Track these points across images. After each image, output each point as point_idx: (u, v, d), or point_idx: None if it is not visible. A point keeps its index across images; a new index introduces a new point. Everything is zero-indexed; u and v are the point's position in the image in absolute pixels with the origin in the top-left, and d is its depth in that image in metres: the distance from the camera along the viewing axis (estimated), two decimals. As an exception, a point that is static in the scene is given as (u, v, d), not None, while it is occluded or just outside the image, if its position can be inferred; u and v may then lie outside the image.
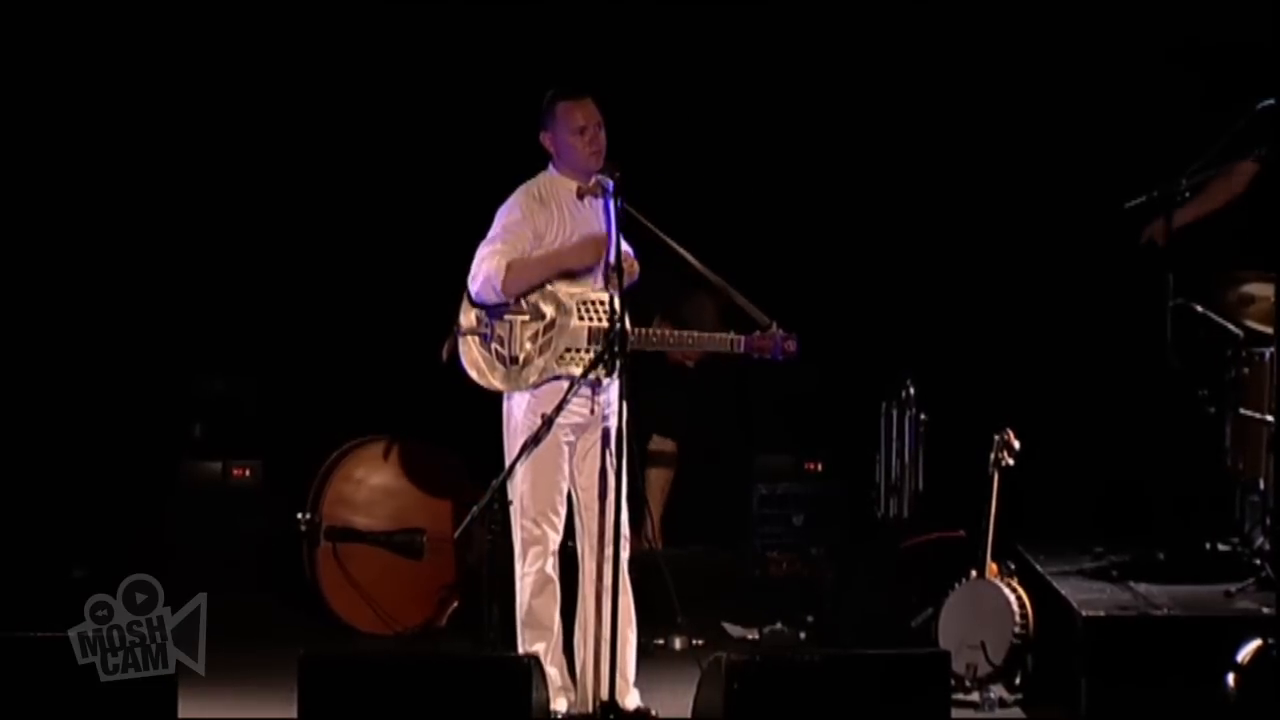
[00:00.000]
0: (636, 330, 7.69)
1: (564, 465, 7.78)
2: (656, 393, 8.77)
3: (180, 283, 10.70)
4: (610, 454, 7.72)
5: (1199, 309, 8.68)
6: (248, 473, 10.41)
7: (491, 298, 7.68)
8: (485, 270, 7.65)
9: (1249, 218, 8.81)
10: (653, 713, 7.75)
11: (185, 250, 10.70)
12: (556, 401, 7.61)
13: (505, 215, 7.75)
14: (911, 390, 9.59)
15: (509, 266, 7.63)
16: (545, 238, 7.73)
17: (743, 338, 7.76)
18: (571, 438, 7.77)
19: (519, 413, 7.74)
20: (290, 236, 10.72)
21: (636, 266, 7.84)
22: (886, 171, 10.54)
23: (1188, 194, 8.52)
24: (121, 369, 10.62)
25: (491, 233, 7.73)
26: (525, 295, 7.71)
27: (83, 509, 10.22)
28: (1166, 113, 9.95)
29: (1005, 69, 10.38)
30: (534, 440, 7.51)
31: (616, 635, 7.51)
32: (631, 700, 7.76)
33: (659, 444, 10.60)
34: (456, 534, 7.27)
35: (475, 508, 7.37)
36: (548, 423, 7.54)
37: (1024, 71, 10.35)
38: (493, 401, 7.84)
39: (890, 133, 10.51)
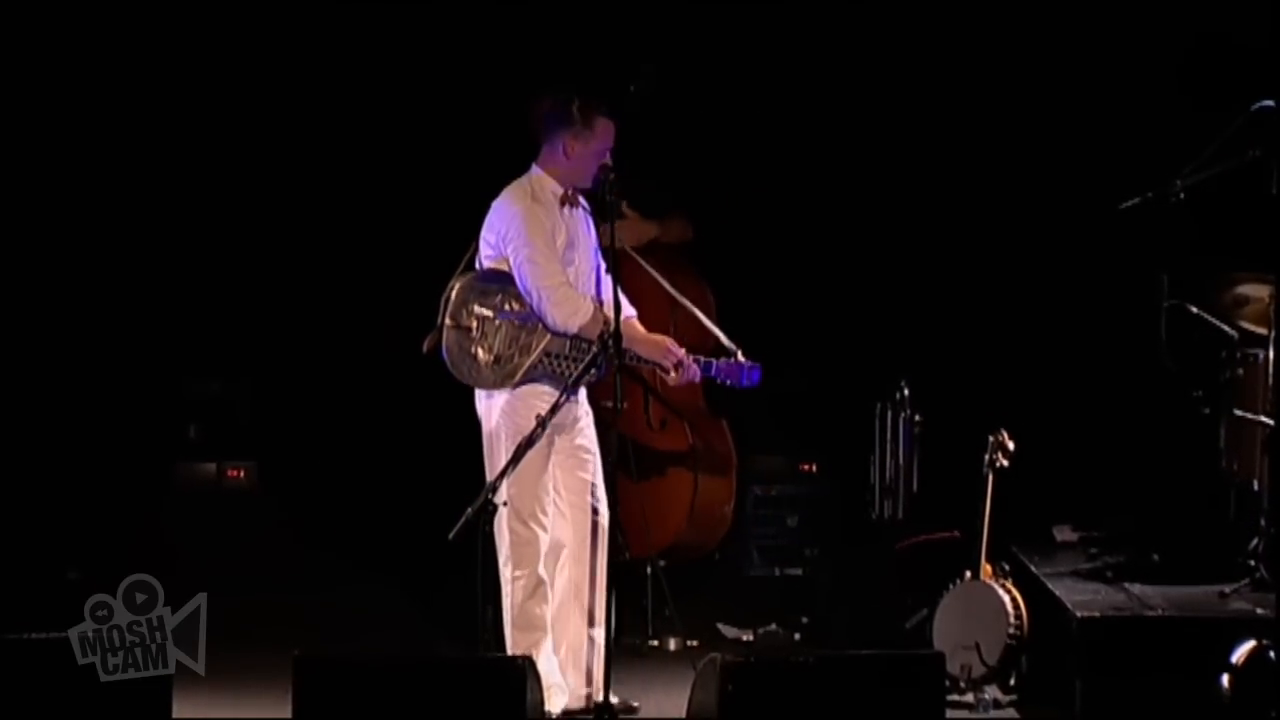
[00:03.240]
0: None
1: (549, 466, 7.80)
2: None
3: (174, 285, 10.70)
4: (596, 454, 7.82)
5: (1194, 310, 8.68)
6: (242, 474, 10.43)
7: (571, 331, 7.71)
8: (586, 308, 7.66)
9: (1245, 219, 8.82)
10: (633, 704, 7.82)
11: (179, 252, 10.70)
12: (534, 403, 7.64)
13: (532, 233, 7.67)
14: (906, 391, 9.57)
15: (595, 311, 7.68)
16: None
17: (714, 362, 7.86)
18: (555, 438, 7.78)
19: (497, 413, 7.76)
20: (284, 238, 10.72)
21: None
22: (882, 173, 10.53)
23: (1181, 195, 8.51)
24: (116, 371, 10.62)
25: (530, 250, 7.66)
26: (516, 298, 7.74)
27: (78, 511, 10.22)
28: (1161, 113, 9.95)
29: (999, 72, 10.37)
30: (528, 443, 7.51)
31: (610, 634, 7.53)
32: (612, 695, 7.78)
33: None
34: (452, 535, 7.26)
35: (470, 509, 7.36)
36: (541, 423, 7.53)
37: (1018, 73, 10.34)
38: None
39: (885, 135, 10.50)
